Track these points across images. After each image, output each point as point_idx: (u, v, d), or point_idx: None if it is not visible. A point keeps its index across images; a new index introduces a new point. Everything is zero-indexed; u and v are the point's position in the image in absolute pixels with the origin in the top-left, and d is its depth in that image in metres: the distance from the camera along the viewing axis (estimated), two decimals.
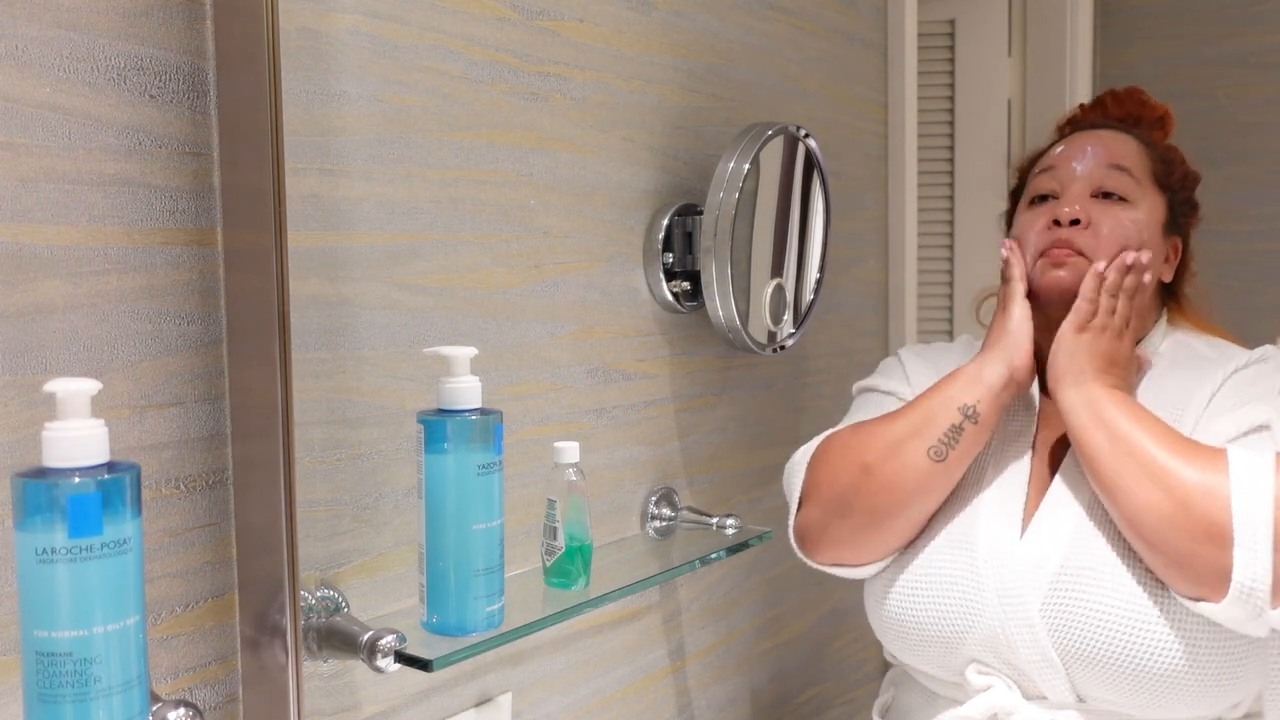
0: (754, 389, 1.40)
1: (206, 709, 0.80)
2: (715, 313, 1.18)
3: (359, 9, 0.88)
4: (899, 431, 1.09)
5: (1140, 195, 1.14)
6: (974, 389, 1.08)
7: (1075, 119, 1.29)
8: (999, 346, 1.10)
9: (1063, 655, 1.00)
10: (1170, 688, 0.97)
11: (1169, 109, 1.27)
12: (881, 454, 1.09)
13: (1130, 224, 1.12)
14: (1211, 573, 0.93)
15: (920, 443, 1.07)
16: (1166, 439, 0.99)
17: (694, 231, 1.19)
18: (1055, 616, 1.01)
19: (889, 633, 1.13)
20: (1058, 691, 1.01)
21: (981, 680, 1.05)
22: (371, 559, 0.92)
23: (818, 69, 1.51)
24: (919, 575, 1.09)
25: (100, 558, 0.61)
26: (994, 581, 1.04)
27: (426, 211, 0.95)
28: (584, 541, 0.99)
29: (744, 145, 1.18)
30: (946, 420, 1.07)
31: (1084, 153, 1.16)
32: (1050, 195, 1.16)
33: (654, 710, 1.26)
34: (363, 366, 0.90)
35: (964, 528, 1.09)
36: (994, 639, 1.03)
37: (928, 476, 1.08)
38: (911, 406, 1.11)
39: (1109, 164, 1.14)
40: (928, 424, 1.08)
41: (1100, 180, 1.14)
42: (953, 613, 1.06)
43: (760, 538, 1.22)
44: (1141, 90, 1.29)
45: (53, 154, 0.70)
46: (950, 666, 1.08)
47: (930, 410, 1.09)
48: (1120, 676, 0.98)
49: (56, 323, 0.71)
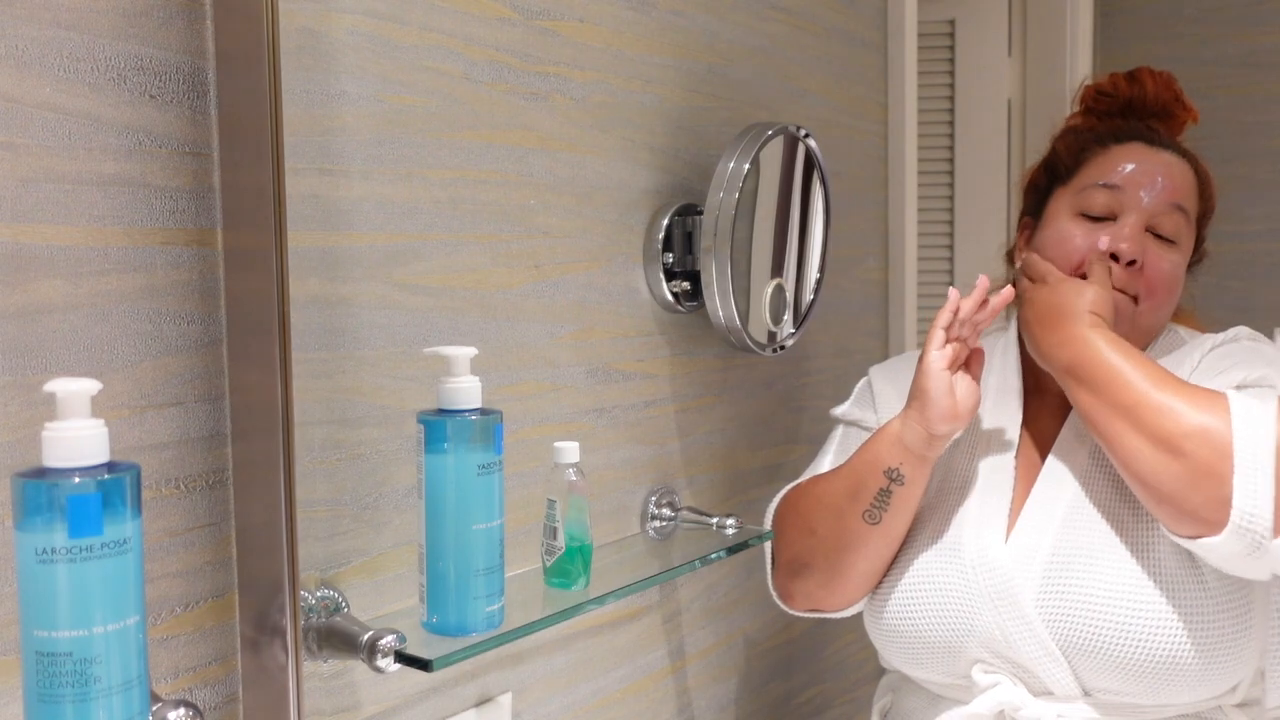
0: (754, 389, 1.40)
1: (206, 709, 0.80)
2: (715, 313, 1.18)
3: (359, 9, 0.88)
4: (836, 495, 1.14)
5: (1186, 236, 1.14)
6: (895, 452, 1.09)
7: (1106, 90, 1.24)
8: (914, 404, 1.08)
9: (1062, 645, 1.01)
10: (1170, 670, 0.98)
11: (1198, 114, 1.24)
12: (823, 519, 1.14)
13: (1177, 268, 1.13)
14: (1211, 504, 0.93)
15: (855, 507, 1.11)
16: (1161, 379, 0.99)
17: (694, 231, 1.19)
18: (1050, 605, 1.02)
19: (891, 646, 1.13)
20: (1063, 685, 1.02)
21: (988, 678, 1.05)
22: (371, 559, 0.92)
23: (818, 69, 1.51)
24: (912, 587, 1.11)
25: (100, 558, 0.61)
26: (984, 584, 1.05)
27: (426, 211, 0.95)
28: (584, 541, 0.99)
29: (744, 145, 1.18)
30: (875, 485, 1.10)
31: (1154, 183, 1.13)
32: (1107, 217, 1.13)
33: (654, 710, 1.26)
34: (363, 366, 0.90)
35: (951, 535, 1.10)
36: (994, 640, 1.04)
37: (867, 538, 1.12)
38: (847, 467, 1.14)
39: (1172, 202, 1.13)
40: (860, 489, 1.11)
41: (1160, 219, 1.12)
42: (950, 620, 1.07)
43: (760, 537, 1.22)
44: (1175, 79, 1.24)
45: (53, 154, 0.70)
46: (955, 671, 1.08)
47: (859, 475, 1.12)
48: (1120, 662, 0.99)
49: (56, 323, 0.71)
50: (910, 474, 1.09)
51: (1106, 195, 1.13)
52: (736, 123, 1.29)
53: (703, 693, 1.35)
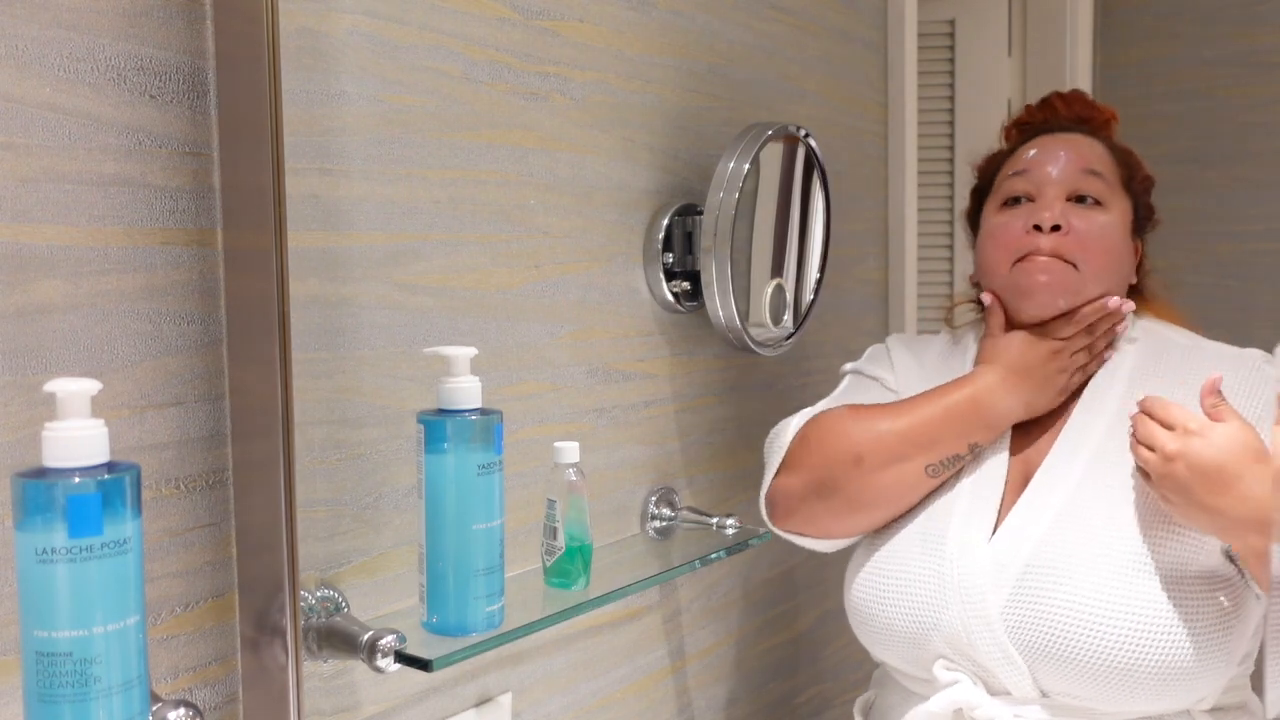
0: (754, 389, 1.40)
1: (206, 709, 0.80)
2: (715, 313, 1.18)
3: (359, 9, 0.88)
4: (901, 438, 1.11)
5: (1112, 199, 1.15)
6: (989, 434, 1.12)
7: (1022, 121, 1.29)
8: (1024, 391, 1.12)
9: (1023, 652, 1.01)
10: (1132, 682, 0.98)
11: (1116, 111, 1.28)
12: (878, 453, 1.11)
13: (1106, 227, 1.13)
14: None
15: (922, 458, 1.11)
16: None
17: (694, 231, 1.19)
18: (1014, 615, 1.02)
19: (861, 627, 1.14)
20: (1021, 687, 1.03)
21: (948, 676, 1.06)
22: (371, 559, 0.92)
23: (818, 69, 1.51)
24: (889, 572, 1.11)
25: (100, 558, 0.61)
26: (957, 581, 1.05)
27: (426, 211, 0.95)
28: (584, 541, 0.99)
29: (744, 145, 1.18)
30: (953, 450, 1.11)
31: (1057, 157, 1.16)
32: (1025, 198, 1.15)
33: (654, 710, 1.26)
34: (363, 366, 0.90)
35: (938, 527, 1.10)
36: (956, 637, 1.04)
37: (919, 486, 1.12)
38: (922, 418, 1.12)
39: (1083, 168, 1.15)
40: (934, 445, 1.11)
41: (1075, 184, 1.14)
42: (917, 610, 1.07)
43: (760, 537, 1.22)
44: (1085, 93, 1.30)
45: (53, 154, 0.70)
46: (918, 662, 1.09)
47: (939, 435, 1.11)
48: (1082, 671, 0.99)
49: (56, 323, 0.71)
50: (985, 451, 1.13)
51: (1019, 180, 1.16)
52: (736, 123, 1.29)
53: (703, 693, 1.35)
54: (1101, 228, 1.12)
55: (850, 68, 1.59)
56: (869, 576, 1.12)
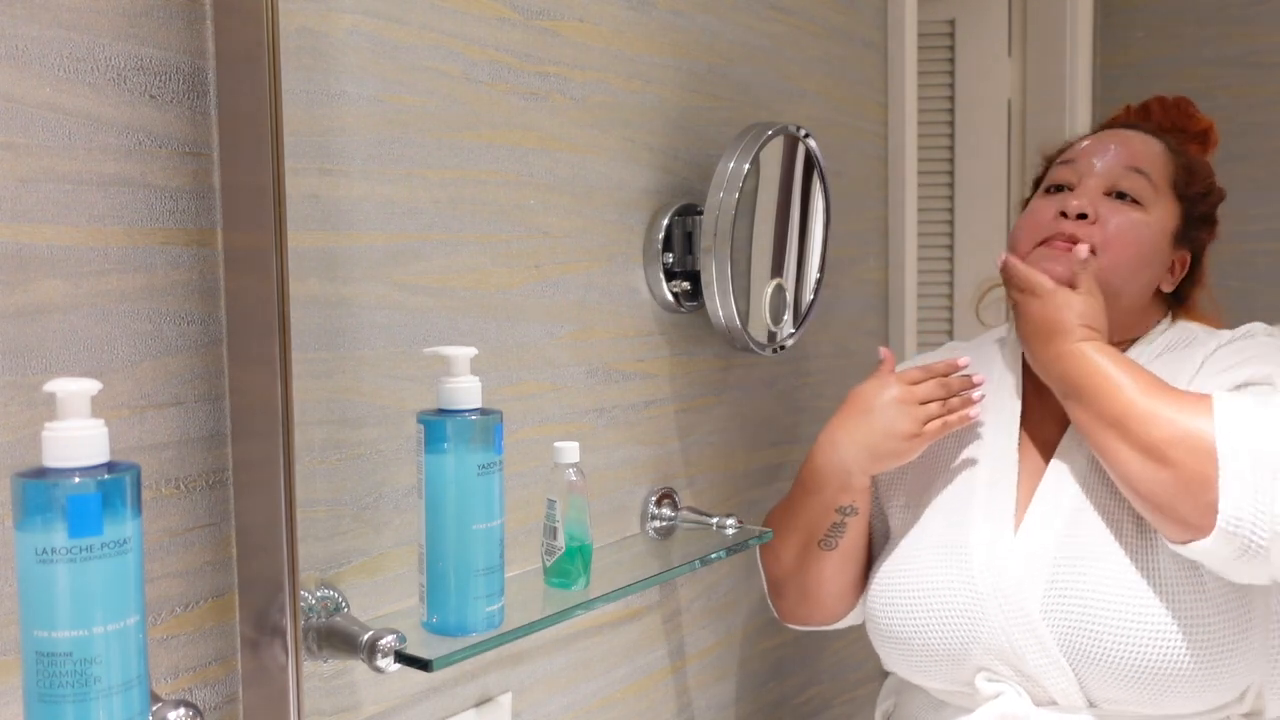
0: (754, 389, 1.40)
1: (206, 709, 0.80)
2: (715, 313, 1.18)
3: (359, 9, 0.88)
4: (795, 529, 1.20)
5: (1154, 201, 1.13)
6: (847, 494, 1.15)
7: (1117, 119, 1.28)
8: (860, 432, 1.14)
9: (1067, 653, 1.00)
10: (1171, 677, 0.97)
11: (1214, 124, 1.26)
12: (788, 547, 1.21)
13: (1138, 225, 1.11)
14: (1199, 510, 0.94)
15: (813, 538, 1.18)
16: (1149, 387, 1.00)
17: (694, 231, 1.19)
18: (1054, 609, 1.01)
19: (894, 654, 1.12)
20: (1068, 695, 1.01)
21: (991, 687, 1.03)
22: (371, 559, 0.92)
23: (818, 69, 1.51)
24: (916, 590, 1.09)
25: (100, 558, 0.61)
26: (991, 587, 1.04)
27: (426, 211, 0.95)
28: (584, 541, 0.99)
29: (744, 145, 1.18)
30: (828, 521, 1.17)
31: (1106, 150, 1.16)
32: (1065, 186, 1.16)
33: (654, 710, 1.26)
34: (363, 366, 0.90)
35: (957, 536, 1.09)
36: (1000, 648, 1.02)
37: (828, 561, 1.19)
38: (802, 505, 1.19)
39: (1128, 165, 1.14)
40: (815, 525, 1.17)
41: (1116, 180, 1.13)
42: (955, 627, 1.05)
43: (760, 537, 1.22)
44: (1191, 103, 1.27)
45: (53, 154, 0.70)
46: (958, 679, 1.07)
47: (812, 514, 1.17)
48: (1122, 669, 0.98)
49: (56, 323, 0.71)
50: (861, 505, 1.17)
51: (1065, 169, 1.17)
52: (736, 123, 1.29)
53: (703, 693, 1.35)
54: (1133, 224, 1.11)
55: (850, 68, 1.59)
56: (896, 600, 1.11)
